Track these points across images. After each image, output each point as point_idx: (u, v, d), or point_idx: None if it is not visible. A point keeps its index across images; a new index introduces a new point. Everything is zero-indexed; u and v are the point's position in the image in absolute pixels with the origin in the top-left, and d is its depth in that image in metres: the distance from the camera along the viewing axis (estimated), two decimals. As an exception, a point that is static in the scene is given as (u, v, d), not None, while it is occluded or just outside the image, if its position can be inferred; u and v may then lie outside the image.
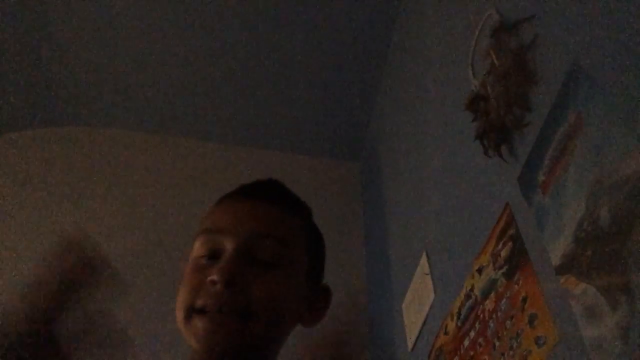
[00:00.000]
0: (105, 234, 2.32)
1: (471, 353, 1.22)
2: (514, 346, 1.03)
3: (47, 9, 2.15)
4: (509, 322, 1.07)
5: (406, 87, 2.07)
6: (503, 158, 1.14)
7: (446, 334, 1.40)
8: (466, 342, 1.26)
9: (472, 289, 1.26)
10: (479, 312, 1.21)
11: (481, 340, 1.19)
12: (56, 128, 2.58)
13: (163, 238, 2.27)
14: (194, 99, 2.56)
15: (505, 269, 1.11)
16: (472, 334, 1.23)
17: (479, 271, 1.23)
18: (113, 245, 2.28)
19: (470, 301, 1.26)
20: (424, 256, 1.66)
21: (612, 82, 0.82)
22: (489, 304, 1.17)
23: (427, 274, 1.61)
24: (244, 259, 0.57)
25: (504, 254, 1.13)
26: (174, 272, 1.05)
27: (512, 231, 1.10)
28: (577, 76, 0.91)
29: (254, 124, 2.67)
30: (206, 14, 2.22)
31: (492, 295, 1.15)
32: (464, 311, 1.30)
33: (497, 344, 1.11)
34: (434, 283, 1.56)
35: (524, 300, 1.02)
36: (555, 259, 0.92)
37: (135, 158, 2.60)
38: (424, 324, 1.59)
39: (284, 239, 0.60)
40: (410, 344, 1.67)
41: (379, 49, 2.33)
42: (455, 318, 1.34)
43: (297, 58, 2.39)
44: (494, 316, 1.13)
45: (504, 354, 1.07)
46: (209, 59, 2.40)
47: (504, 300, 1.10)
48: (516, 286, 1.06)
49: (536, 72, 1.05)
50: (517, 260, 1.07)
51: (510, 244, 1.11)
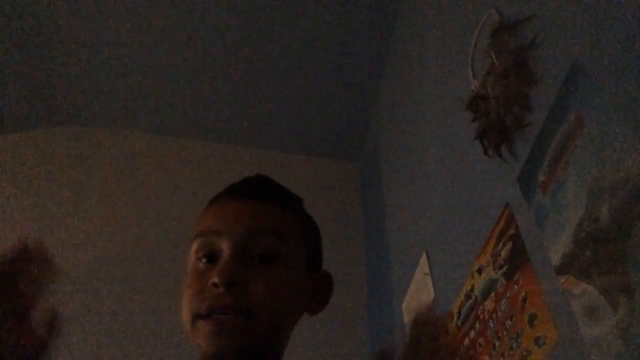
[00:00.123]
0: (106, 233, 2.32)
1: (471, 353, 1.22)
2: (514, 346, 1.03)
3: (47, 9, 2.15)
4: (509, 322, 1.07)
5: (406, 87, 2.06)
6: (503, 158, 1.14)
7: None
8: (466, 342, 1.26)
9: (472, 289, 1.26)
10: (479, 312, 1.21)
11: (481, 340, 1.19)
12: (56, 128, 2.58)
13: (163, 237, 2.27)
14: (194, 99, 2.56)
15: (505, 269, 1.11)
16: (472, 334, 1.23)
17: (479, 271, 1.23)
18: (113, 245, 2.29)
19: (470, 301, 1.26)
20: (424, 256, 1.66)
21: (612, 82, 0.82)
22: (489, 304, 1.17)
23: (427, 274, 1.61)
24: (242, 258, 0.57)
25: (503, 254, 1.13)
26: (175, 271, 1.05)
27: (512, 231, 1.10)
28: (577, 76, 0.91)
29: (254, 124, 2.67)
30: (206, 14, 2.22)
31: (492, 295, 1.15)
32: (464, 311, 1.30)
33: (497, 344, 1.11)
34: (434, 283, 1.56)
35: (524, 300, 1.02)
36: (555, 259, 0.92)
37: (135, 158, 2.60)
38: (424, 324, 1.58)
39: (280, 232, 0.60)
40: (410, 344, 1.67)
41: (379, 49, 2.33)
42: (455, 318, 1.34)
43: (297, 58, 2.39)
44: (494, 316, 1.13)
45: (504, 354, 1.07)
46: (209, 59, 2.40)
47: (504, 300, 1.10)
48: (516, 286, 1.06)
49: (536, 72, 1.05)
50: (517, 260, 1.07)
51: (510, 244, 1.11)
